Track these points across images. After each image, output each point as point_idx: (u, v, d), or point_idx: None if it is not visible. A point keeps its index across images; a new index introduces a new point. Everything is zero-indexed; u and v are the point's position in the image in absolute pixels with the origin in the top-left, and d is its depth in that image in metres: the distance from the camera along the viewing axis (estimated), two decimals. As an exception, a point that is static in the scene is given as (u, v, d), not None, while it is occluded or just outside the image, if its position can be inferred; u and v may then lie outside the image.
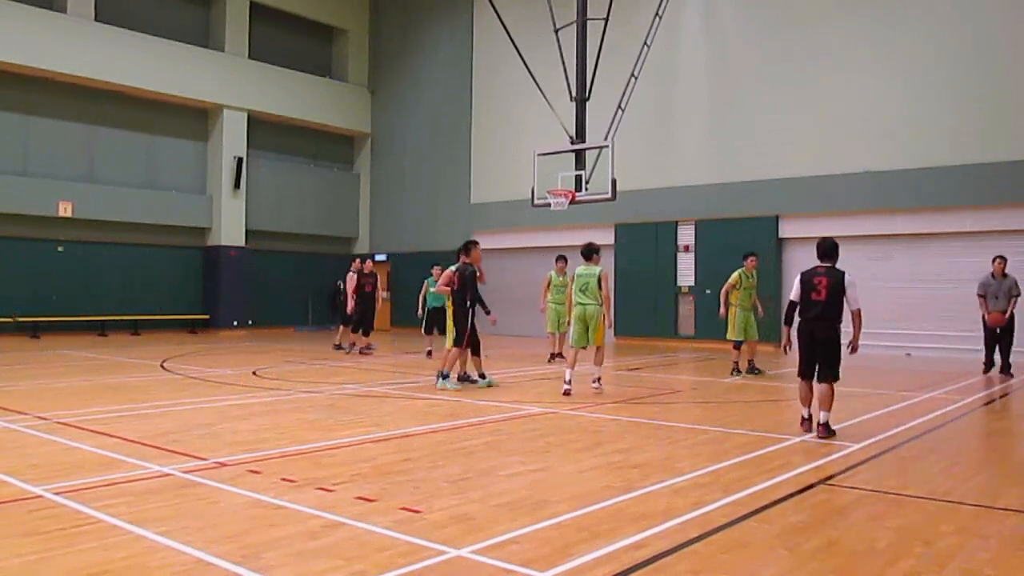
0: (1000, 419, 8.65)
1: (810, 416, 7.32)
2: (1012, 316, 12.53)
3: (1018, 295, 12.60)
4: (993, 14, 16.01)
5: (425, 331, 15.13)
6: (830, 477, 5.54)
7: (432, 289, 13.27)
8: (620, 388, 10.72)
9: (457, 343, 10.51)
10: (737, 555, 3.90)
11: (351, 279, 15.98)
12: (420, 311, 15.43)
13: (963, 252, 16.45)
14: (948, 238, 16.64)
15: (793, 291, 7.35)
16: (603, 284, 9.96)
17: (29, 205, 20.04)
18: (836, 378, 7.10)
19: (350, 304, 15.99)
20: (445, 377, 10.42)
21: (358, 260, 16.46)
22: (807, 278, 7.24)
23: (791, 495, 5.02)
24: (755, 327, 12.27)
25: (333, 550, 3.87)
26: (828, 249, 7.27)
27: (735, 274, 12.22)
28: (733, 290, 12.11)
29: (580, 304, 9.99)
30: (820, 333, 7.12)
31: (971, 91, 16.10)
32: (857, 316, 7.09)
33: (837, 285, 7.04)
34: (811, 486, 5.27)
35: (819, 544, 4.06)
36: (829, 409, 7.05)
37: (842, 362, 7.18)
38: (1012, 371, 12.70)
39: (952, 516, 4.62)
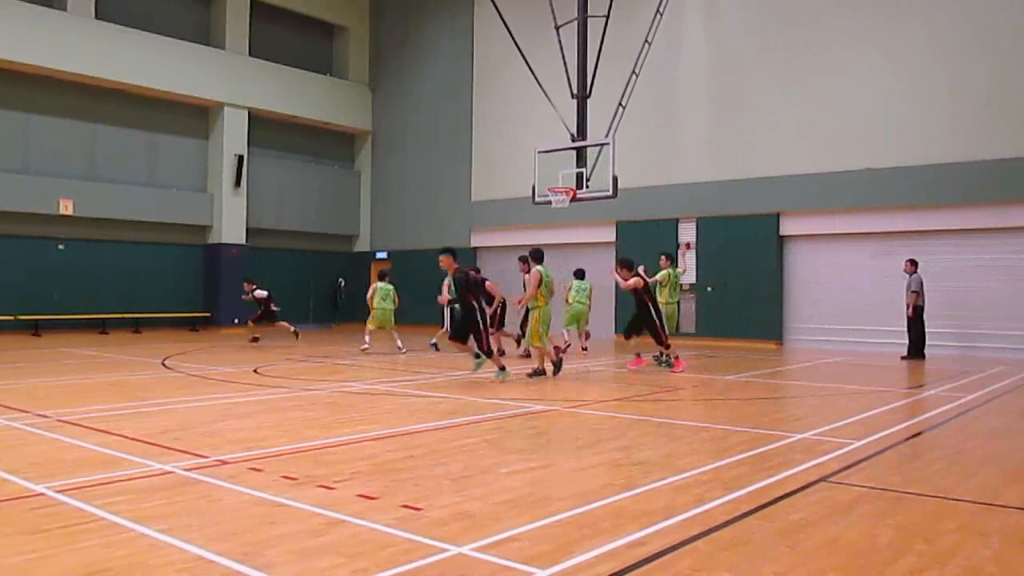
0: (1001, 417, 8.64)
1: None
2: (908, 307, 14.93)
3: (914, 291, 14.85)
4: (993, 12, 15.98)
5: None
6: (831, 475, 5.53)
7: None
8: (622, 385, 10.72)
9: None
10: (738, 552, 3.89)
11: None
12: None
13: (964, 249, 16.45)
14: (949, 235, 16.63)
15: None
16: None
17: (30, 203, 20.05)
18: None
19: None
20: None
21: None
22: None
23: (792, 492, 5.01)
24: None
25: (334, 548, 3.87)
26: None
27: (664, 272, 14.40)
28: (661, 287, 14.18)
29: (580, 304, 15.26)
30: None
31: (972, 88, 16.08)
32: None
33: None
34: (812, 483, 5.26)
35: (820, 541, 4.06)
36: None
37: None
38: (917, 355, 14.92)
39: (953, 514, 4.62)
